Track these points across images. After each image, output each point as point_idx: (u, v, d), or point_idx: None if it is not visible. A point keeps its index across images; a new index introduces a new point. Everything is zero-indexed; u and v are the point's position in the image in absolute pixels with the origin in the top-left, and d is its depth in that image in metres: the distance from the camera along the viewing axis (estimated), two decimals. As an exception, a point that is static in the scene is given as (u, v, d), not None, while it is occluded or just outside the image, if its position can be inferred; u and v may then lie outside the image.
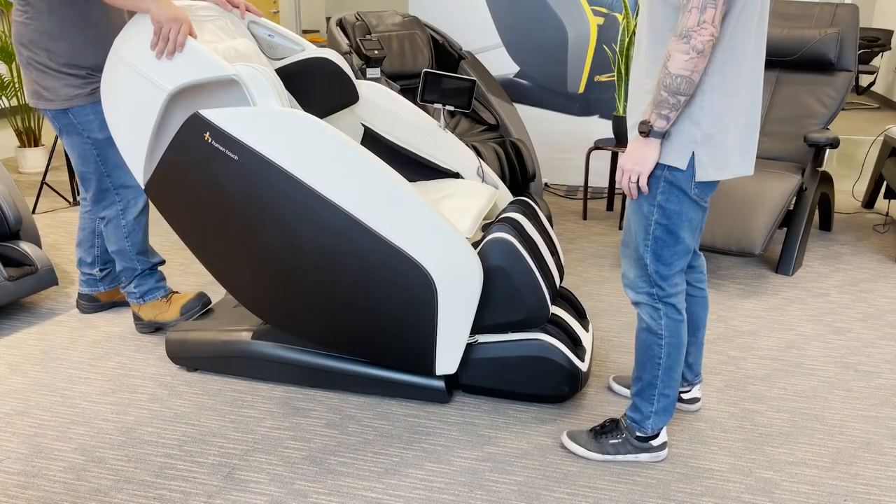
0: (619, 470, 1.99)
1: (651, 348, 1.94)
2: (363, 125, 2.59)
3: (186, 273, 3.30)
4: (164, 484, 1.93)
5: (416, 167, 2.61)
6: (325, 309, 2.15)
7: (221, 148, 2.04)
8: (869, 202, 4.26)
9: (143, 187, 2.27)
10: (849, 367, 2.53)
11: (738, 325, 2.83)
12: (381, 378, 2.26)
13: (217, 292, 3.07)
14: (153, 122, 2.12)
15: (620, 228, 3.95)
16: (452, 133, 2.91)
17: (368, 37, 4.43)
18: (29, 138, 4.96)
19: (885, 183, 4.07)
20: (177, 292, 2.74)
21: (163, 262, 2.72)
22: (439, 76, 2.60)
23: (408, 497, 1.89)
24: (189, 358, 2.44)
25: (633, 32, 4.13)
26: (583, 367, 2.21)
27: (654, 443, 2.01)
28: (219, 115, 2.03)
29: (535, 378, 2.18)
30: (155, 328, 2.72)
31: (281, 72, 2.43)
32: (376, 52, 4.18)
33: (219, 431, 2.15)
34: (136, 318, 2.73)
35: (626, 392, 2.34)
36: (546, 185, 4.79)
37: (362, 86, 2.57)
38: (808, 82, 3.68)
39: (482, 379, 2.22)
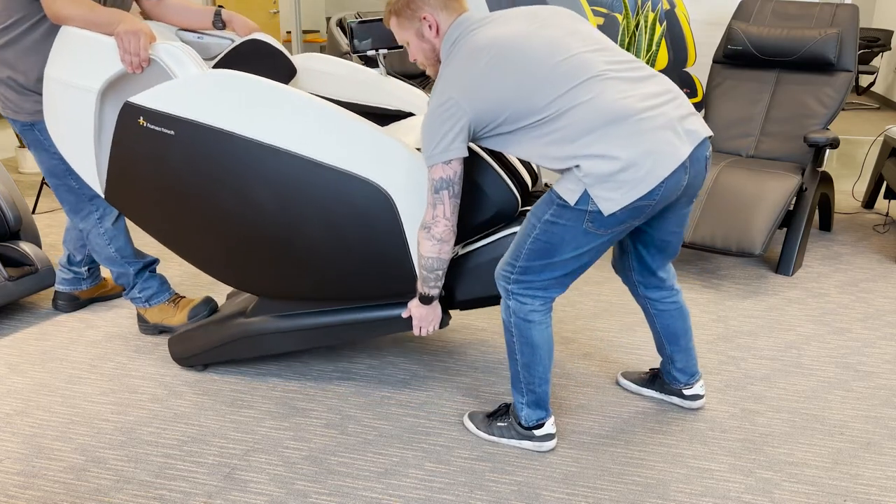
0: (619, 470, 1.99)
1: (509, 344, 2.00)
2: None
3: (187, 274, 3.30)
4: (164, 484, 1.93)
5: (370, 119, 2.59)
6: (299, 260, 2.14)
7: (157, 128, 2.08)
8: (869, 202, 4.26)
9: (103, 197, 2.28)
10: (849, 367, 2.53)
11: (738, 325, 2.83)
12: (378, 318, 2.23)
13: (220, 293, 3.08)
14: (92, 125, 2.17)
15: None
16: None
17: (368, 37, 4.43)
18: (29, 138, 4.96)
19: (885, 183, 4.07)
20: (184, 297, 2.74)
21: (157, 261, 2.71)
22: (369, 23, 2.59)
23: (408, 497, 1.89)
24: (195, 355, 2.44)
25: (634, 32, 4.13)
26: None
27: (537, 433, 2.05)
28: (146, 97, 2.08)
29: None
30: (160, 331, 2.72)
31: (217, 67, 2.44)
32: (376, 51, 4.18)
33: (219, 431, 2.15)
34: (141, 319, 2.72)
35: (635, 388, 2.35)
36: (546, 185, 4.79)
37: (297, 58, 2.60)
38: (808, 82, 3.68)
39: (474, 290, 2.17)
